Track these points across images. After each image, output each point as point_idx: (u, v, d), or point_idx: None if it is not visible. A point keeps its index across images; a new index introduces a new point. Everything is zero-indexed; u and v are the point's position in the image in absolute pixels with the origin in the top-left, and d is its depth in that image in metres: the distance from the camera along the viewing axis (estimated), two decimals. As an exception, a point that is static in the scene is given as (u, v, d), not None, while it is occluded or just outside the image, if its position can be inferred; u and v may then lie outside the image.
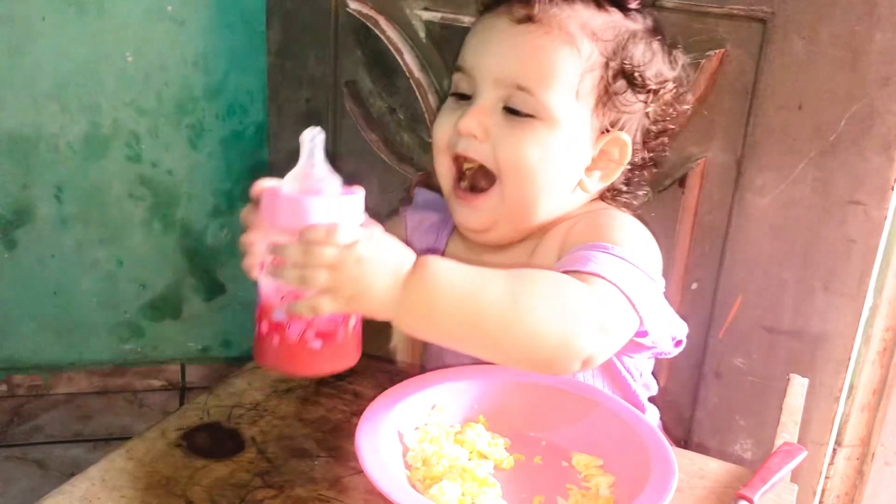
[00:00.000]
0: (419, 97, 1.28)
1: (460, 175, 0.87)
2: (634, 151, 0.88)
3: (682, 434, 1.14)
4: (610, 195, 0.92)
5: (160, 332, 1.84)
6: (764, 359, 1.09)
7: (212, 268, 1.81)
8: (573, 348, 0.69)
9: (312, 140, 0.67)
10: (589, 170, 0.87)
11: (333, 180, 0.67)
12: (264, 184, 0.68)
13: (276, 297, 0.67)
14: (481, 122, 0.82)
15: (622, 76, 0.83)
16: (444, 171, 0.88)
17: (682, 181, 1.06)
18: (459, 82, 0.87)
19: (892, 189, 0.97)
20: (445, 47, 1.24)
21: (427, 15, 1.24)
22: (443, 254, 0.96)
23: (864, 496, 1.20)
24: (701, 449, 1.08)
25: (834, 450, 1.17)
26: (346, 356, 0.69)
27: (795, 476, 0.76)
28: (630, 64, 0.83)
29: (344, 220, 0.64)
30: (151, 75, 1.63)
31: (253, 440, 0.76)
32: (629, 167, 0.89)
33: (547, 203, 0.85)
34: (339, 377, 0.86)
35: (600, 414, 0.79)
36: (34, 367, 1.79)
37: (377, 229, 0.68)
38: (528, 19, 0.81)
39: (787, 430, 0.83)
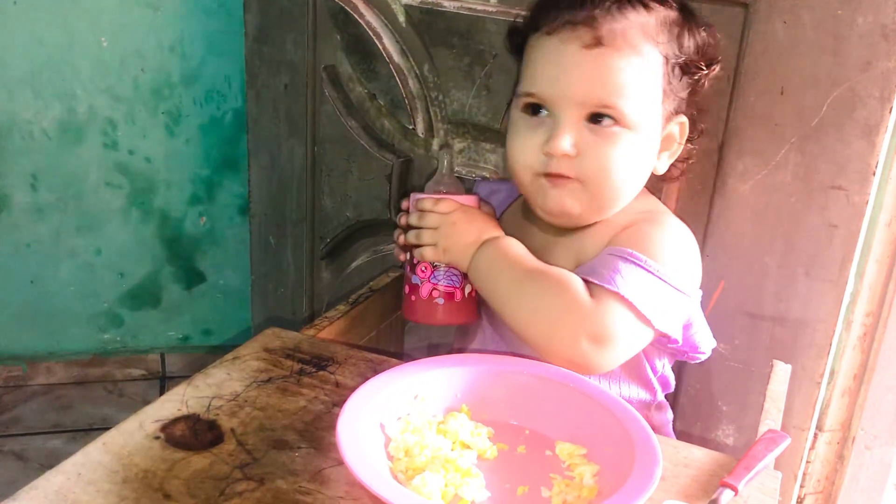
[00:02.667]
0: (399, 82, 1.27)
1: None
2: (692, 125, 0.93)
3: (665, 420, 1.14)
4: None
5: (139, 322, 1.82)
6: (746, 344, 1.09)
7: (191, 256, 1.80)
8: (559, 346, 0.81)
9: (446, 157, 0.96)
10: (659, 153, 0.91)
11: (459, 187, 0.96)
12: (413, 194, 0.97)
13: (414, 267, 0.94)
14: (573, 143, 0.86)
15: (679, 68, 0.88)
16: (527, 181, 0.91)
17: (664, 167, 1.06)
18: (530, 102, 0.89)
19: (874, 174, 0.97)
20: (425, 32, 1.23)
21: (407, -1, 1.23)
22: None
23: (844, 480, 1.20)
24: (683, 436, 1.08)
25: (815, 434, 1.17)
26: (463, 313, 0.95)
27: (777, 461, 0.76)
28: (686, 56, 0.88)
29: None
30: (127, 61, 1.61)
31: (232, 432, 0.75)
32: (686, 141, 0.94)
33: (628, 193, 0.90)
34: (321, 367, 0.86)
35: (584, 402, 0.78)
36: (12, 357, 1.77)
37: (482, 210, 0.95)
38: (598, 43, 0.84)
39: (771, 417, 0.83)
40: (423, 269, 0.93)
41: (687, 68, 0.88)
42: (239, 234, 1.77)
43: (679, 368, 1.13)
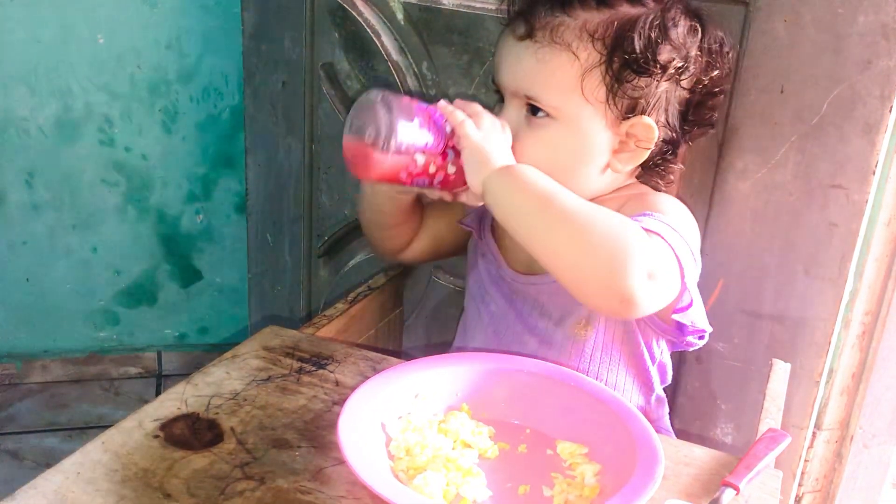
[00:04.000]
0: (397, 80, 1.27)
1: None
2: (665, 129, 0.90)
3: (664, 419, 1.14)
4: (645, 168, 0.94)
5: (136, 320, 1.82)
6: (745, 343, 1.09)
7: (187, 254, 1.79)
8: (617, 277, 0.74)
9: None
10: (617, 153, 0.90)
11: None
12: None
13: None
14: (508, 130, 0.89)
15: (626, 66, 0.85)
16: None
17: (663, 165, 1.06)
18: (498, 92, 0.94)
19: (874, 173, 0.97)
20: (423, 29, 1.22)
21: (405, -4, 1.22)
22: (492, 225, 1.02)
23: (842, 479, 1.20)
24: (682, 434, 1.08)
25: (813, 433, 1.17)
26: (397, 165, 0.82)
27: (775, 460, 0.76)
28: (631, 54, 0.85)
29: None
30: (124, 58, 1.60)
31: (232, 430, 0.75)
32: (663, 143, 0.91)
33: (573, 187, 0.88)
34: (320, 365, 0.85)
35: (585, 401, 0.78)
36: (7, 355, 1.76)
37: None
38: (528, 36, 0.87)
39: (771, 416, 0.83)
40: (441, 116, 0.84)
41: (636, 66, 0.85)
42: (236, 232, 1.77)
43: (678, 367, 1.13)
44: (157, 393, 1.74)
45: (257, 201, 1.46)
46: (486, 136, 0.83)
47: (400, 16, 1.24)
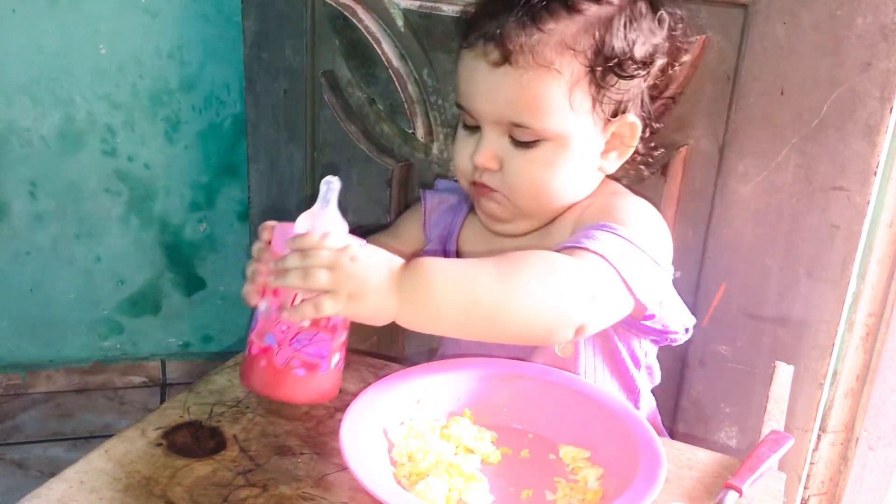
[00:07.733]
0: (398, 87, 1.27)
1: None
2: (644, 119, 0.90)
3: (668, 423, 1.14)
4: (627, 163, 0.94)
5: (139, 329, 1.82)
6: (748, 346, 1.09)
7: (191, 262, 1.79)
8: (567, 319, 0.74)
9: (329, 187, 0.74)
10: (604, 154, 0.90)
11: (341, 226, 0.74)
12: (274, 223, 0.76)
13: (271, 323, 0.73)
14: (494, 156, 0.87)
15: (609, 72, 0.84)
16: (466, 186, 0.93)
17: (664, 169, 1.06)
18: (464, 117, 0.90)
19: (875, 174, 0.97)
20: (424, 36, 1.23)
21: (405, 3, 1.22)
22: (458, 236, 1.01)
23: (848, 481, 1.20)
24: (686, 437, 1.08)
25: (818, 436, 1.17)
26: (326, 389, 0.75)
27: (780, 463, 0.76)
28: (613, 58, 0.84)
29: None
30: (126, 68, 1.61)
31: (235, 438, 0.75)
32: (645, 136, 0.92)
33: (564, 199, 0.90)
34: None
35: (587, 405, 0.78)
36: (11, 365, 1.76)
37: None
38: (506, 61, 0.83)
39: (774, 418, 0.83)
40: (285, 328, 0.72)
41: (620, 70, 0.84)
42: (239, 240, 1.77)
43: (681, 371, 1.13)
44: (162, 402, 1.74)
45: (260, 209, 1.46)
46: (352, 291, 0.68)
47: (400, 23, 1.24)
